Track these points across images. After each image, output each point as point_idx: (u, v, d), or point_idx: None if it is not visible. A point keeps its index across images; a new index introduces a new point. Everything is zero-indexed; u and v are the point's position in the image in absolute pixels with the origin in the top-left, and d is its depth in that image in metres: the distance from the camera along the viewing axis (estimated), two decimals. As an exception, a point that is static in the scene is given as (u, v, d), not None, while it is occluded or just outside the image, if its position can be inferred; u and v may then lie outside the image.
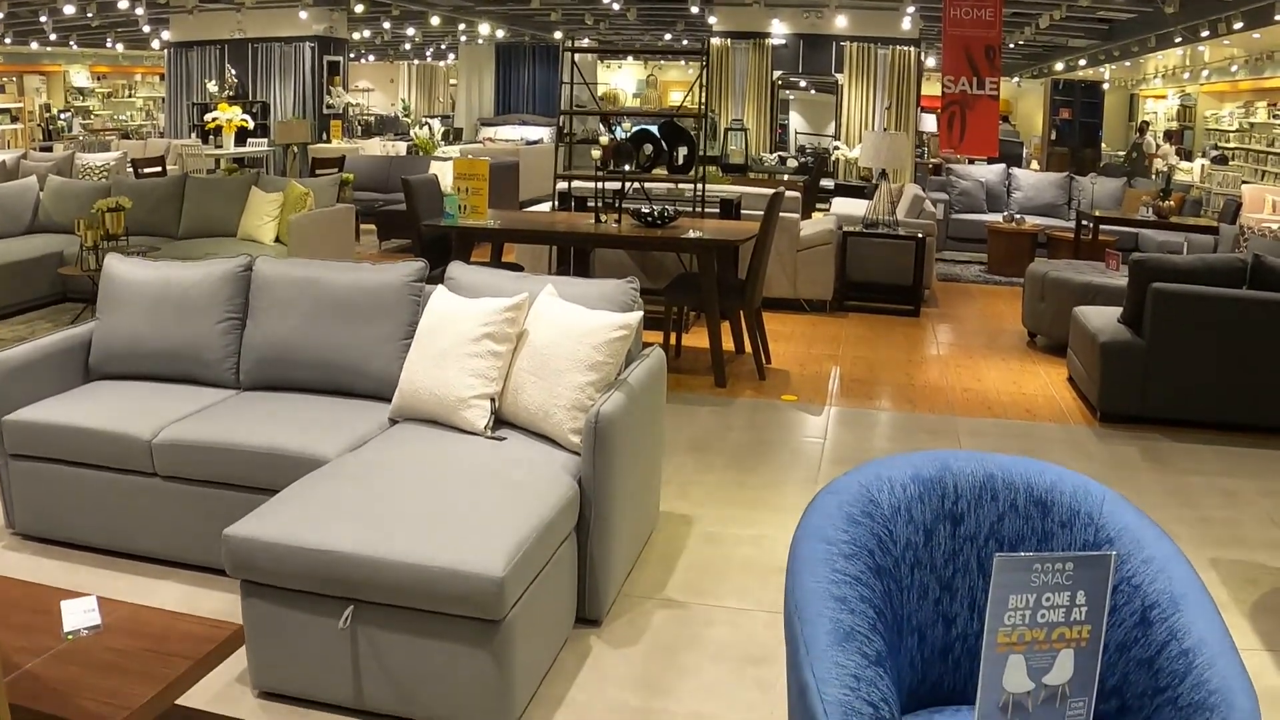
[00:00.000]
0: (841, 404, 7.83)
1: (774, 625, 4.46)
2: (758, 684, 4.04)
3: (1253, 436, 7.27)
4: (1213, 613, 2.78)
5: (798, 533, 2.76)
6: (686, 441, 6.74)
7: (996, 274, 13.95)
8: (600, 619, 4.39)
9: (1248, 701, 2.63)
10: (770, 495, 5.97)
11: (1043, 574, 2.58)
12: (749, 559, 5.10)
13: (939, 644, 2.89)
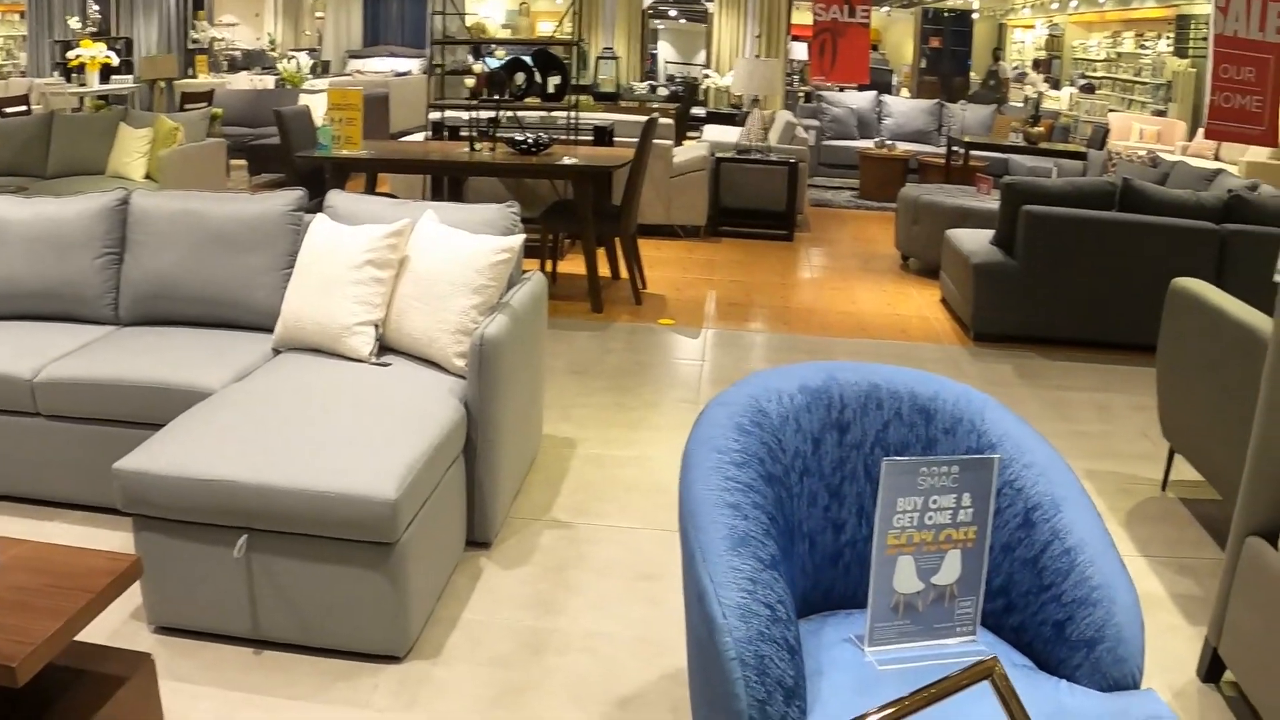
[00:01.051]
0: (718, 326, 7.90)
1: (660, 542, 4.52)
2: (648, 599, 4.10)
3: (1123, 353, 7.46)
4: (1092, 514, 2.87)
5: (689, 442, 2.80)
6: (566, 365, 6.77)
7: (868, 199, 14.08)
8: (490, 541, 4.42)
9: (1129, 596, 2.73)
10: (651, 416, 6.03)
11: (929, 477, 2.65)
12: (632, 479, 5.15)
13: (829, 550, 2.96)
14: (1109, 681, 2.69)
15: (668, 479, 5.17)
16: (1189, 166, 9.84)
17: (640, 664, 3.70)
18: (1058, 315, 7.64)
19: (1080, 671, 2.72)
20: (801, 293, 9.04)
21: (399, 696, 3.43)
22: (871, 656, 2.69)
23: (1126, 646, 2.70)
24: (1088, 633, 2.71)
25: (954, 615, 2.77)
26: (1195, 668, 3.88)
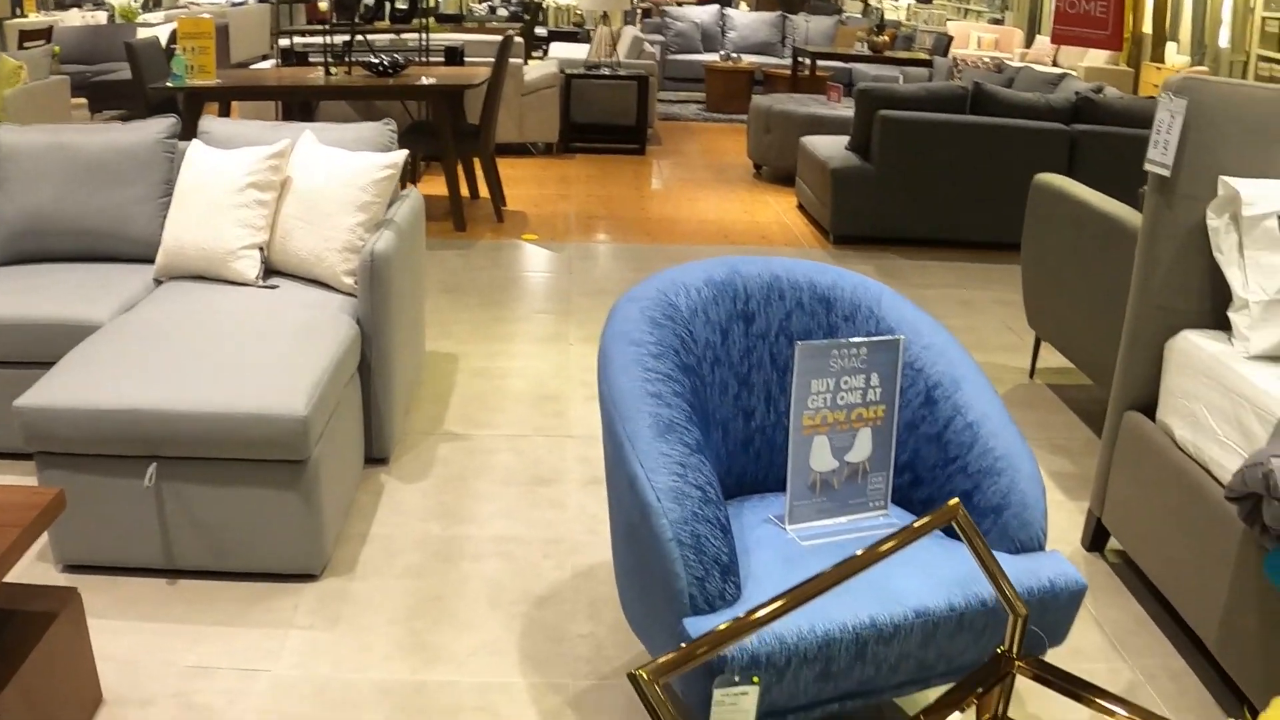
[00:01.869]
0: (581, 239, 7.98)
1: (554, 448, 4.62)
2: (551, 503, 4.20)
3: (979, 251, 7.69)
4: (990, 390, 3.01)
5: (604, 338, 2.89)
6: (439, 284, 6.81)
7: (716, 112, 14.19)
8: (388, 457, 4.48)
9: (1030, 465, 2.88)
10: (528, 328, 6.11)
11: (840, 359, 2.76)
12: (518, 389, 5.24)
13: (741, 437, 3.07)
14: (1016, 544, 2.85)
15: (552, 387, 5.27)
16: (1034, 71, 10.10)
17: (553, 564, 3.80)
18: (914, 216, 7.85)
19: (989, 537, 2.87)
20: (659, 204, 9.13)
21: (320, 614, 3.48)
22: (793, 533, 2.82)
23: (1031, 511, 2.86)
24: (994, 500, 2.86)
25: (867, 491, 2.91)
26: (1080, 539, 4.08)
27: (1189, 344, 3.59)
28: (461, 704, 3.11)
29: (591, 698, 3.17)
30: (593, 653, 3.35)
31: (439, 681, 3.20)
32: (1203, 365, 3.50)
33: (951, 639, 2.58)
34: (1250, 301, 3.46)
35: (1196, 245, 3.61)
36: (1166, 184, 3.61)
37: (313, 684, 3.15)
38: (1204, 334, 3.62)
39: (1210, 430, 3.40)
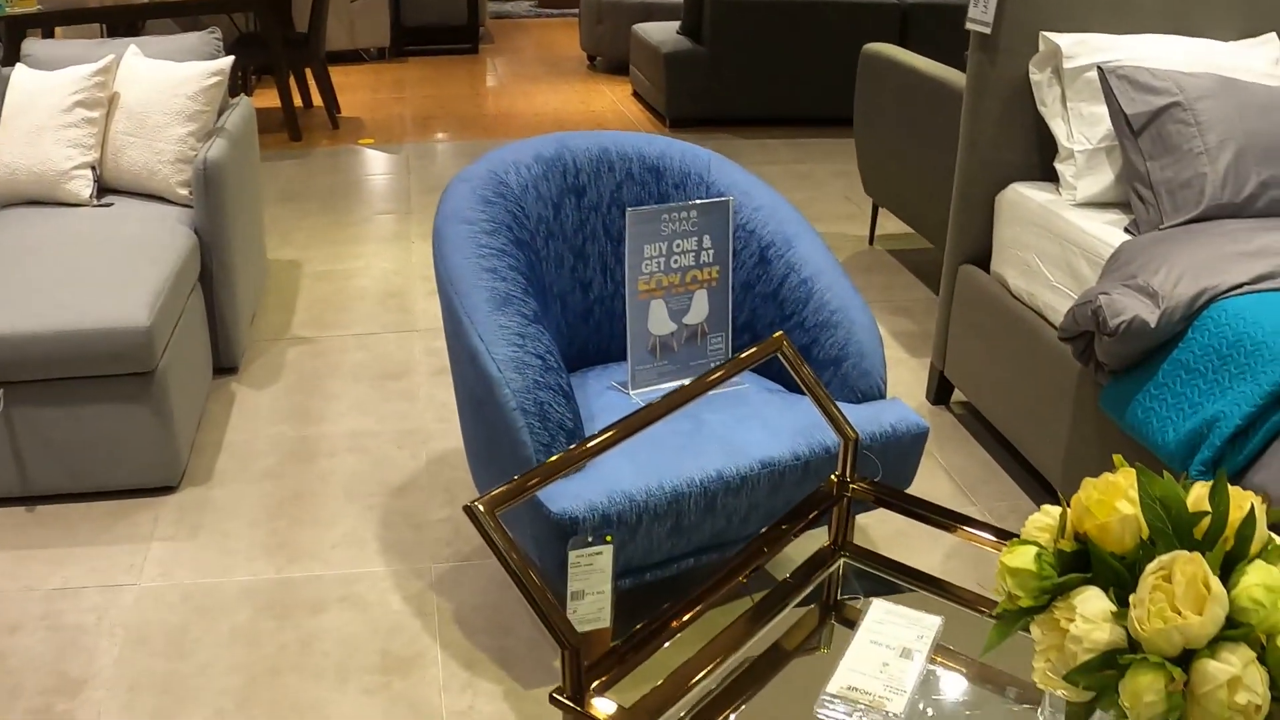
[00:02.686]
0: (418, 140, 7.93)
1: (400, 343, 4.64)
2: (401, 395, 4.22)
3: (815, 128, 7.78)
4: (822, 248, 3.07)
5: (438, 219, 2.90)
6: (277, 194, 6.75)
7: (548, 7, 14.10)
8: (236, 365, 4.46)
9: (865, 316, 2.95)
10: (369, 229, 6.09)
11: (671, 223, 2.80)
12: (362, 288, 5.23)
13: (579, 308, 3.11)
14: (858, 394, 2.93)
15: (396, 284, 5.27)
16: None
17: (407, 455, 3.82)
18: (750, 96, 7.90)
19: (830, 389, 2.94)
20: (495, 100, 9.10)
21: (181, 524, 3.47)
22: (637, 398, 2.87)
23: (869, 360, 2.93)
24: (832, 352, 2.93)
25: (707, 352, 2.96)
26: (925, 393, 4.19)
27: (1018, 196, 3.69)
28: (326, 596, 3.14)
29: (452, 578, 3.21)
30: (451, 535, 3.39)
31: (303, 577, 3.22)
32: (1032, 215, 3.59)
33: (798, 486, 2.65)
34: (1075, 151, 3.55)
35: (1020, 100, 3.69)
36: (988, 42, 3.68)
37: (178, 592, 3.15)
38: (1032, 185, 3.72)
39: (1043, 276, 3.50)
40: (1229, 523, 1.20)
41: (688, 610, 1.66)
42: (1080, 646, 1.15)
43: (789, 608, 1.82)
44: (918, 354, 4.47)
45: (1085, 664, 1.14)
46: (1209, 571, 1.12)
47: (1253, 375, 2.70)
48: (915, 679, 1.70)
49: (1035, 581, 1.23)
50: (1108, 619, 1.16)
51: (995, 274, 3.76)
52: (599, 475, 2.54)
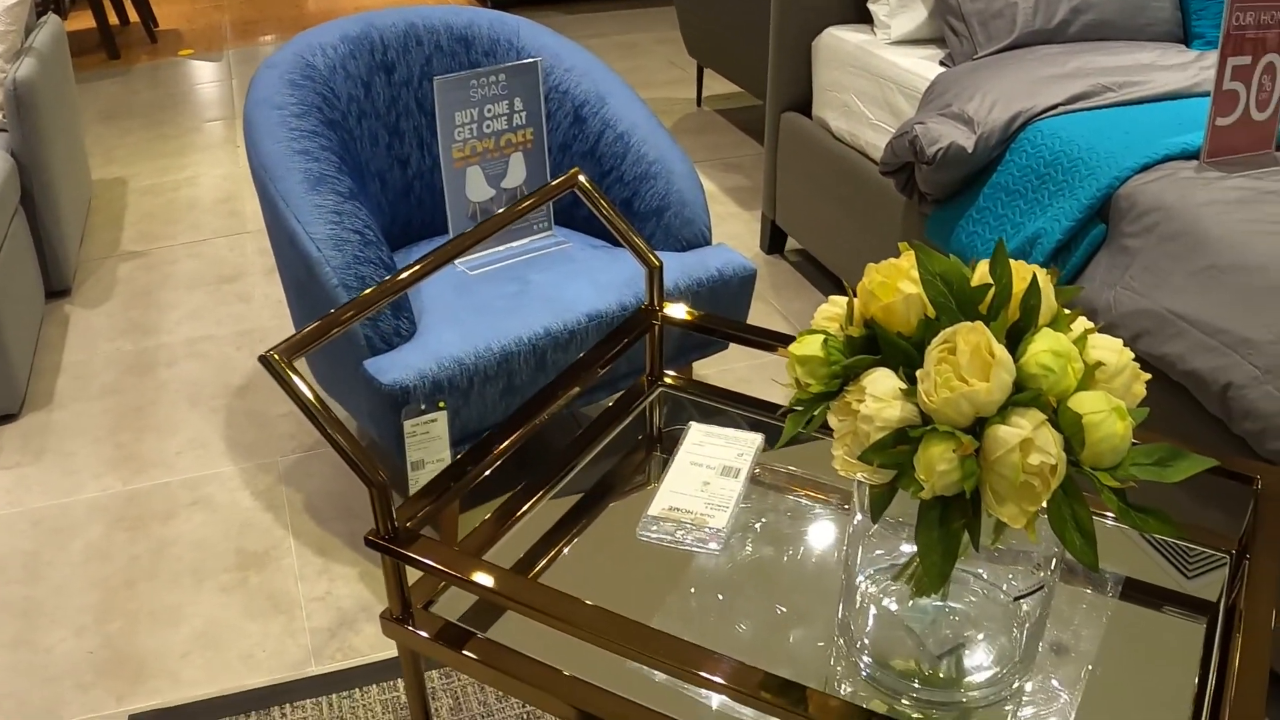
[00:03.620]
0: (240, 45, 7.77)
1: (234, 246, 4.57)
2: (238, 297, 4.17)
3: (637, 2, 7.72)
4: (637, 102, 3.07)
5: (246, 107, 2.85)
6: (98, 114, 6.58)
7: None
8: (68, 288, 4.36)
9: (684, 165, 2.96)
10: (194, 139, 5.97)
11: (480, 88, 2.77)
12: (191, 198, 5.14)
13: (399, 186, 3.08)
14: (683, 243, 2.94)
15: (225, 190, 5.18)
16: None
17: (246, 355, 3.79)
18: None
19: (656, 240, 2.95)
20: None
21: (26, 450, 3.41)
22: (462, 266, 2.85)
23: (691, 208, 2.94)
24: (654, 203, 2.94)
25: (528, 215, 2.95)
26: (759, 244, 4.22)
27: (834, 39, 3.70)
28: (176, 502, 3.11)
29: (300, 469, 3.20)
30: (295, 428, 3.37)
31: (151, 486, 3.19)
32: (849, 57, 3.61)
33: (628, 338, 2.66)
34: (886, -10, 3.59)
35: (830, -57, 3.71)
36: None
37: (28, 518, 3.10)
38: (846, 28, 3.74)
39: (862, 116, 3.53)
40: (1013, 294, 1.22)
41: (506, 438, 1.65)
42: (872, 426, 1.16)
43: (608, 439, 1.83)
44: (750, 207, 4.50)
45: (878, 442, 1.16)
46: (992, 339, 1.13)
47: (1071, 191, 2.75)
48: (737, 495, 1.72)
49: (824, 368, 1.24)
50: (898, 396, 1.17)
51: (817, 118, 3.78)
52: (427, 344, 2.53)
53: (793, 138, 3.87)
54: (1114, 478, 1.15)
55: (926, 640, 1.43)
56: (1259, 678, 1.27)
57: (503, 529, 1.66)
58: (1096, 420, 1.12)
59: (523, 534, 1.68)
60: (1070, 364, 1.15)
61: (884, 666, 1.43)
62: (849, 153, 3.58)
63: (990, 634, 1.45)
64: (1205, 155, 2.77)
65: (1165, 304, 2.51)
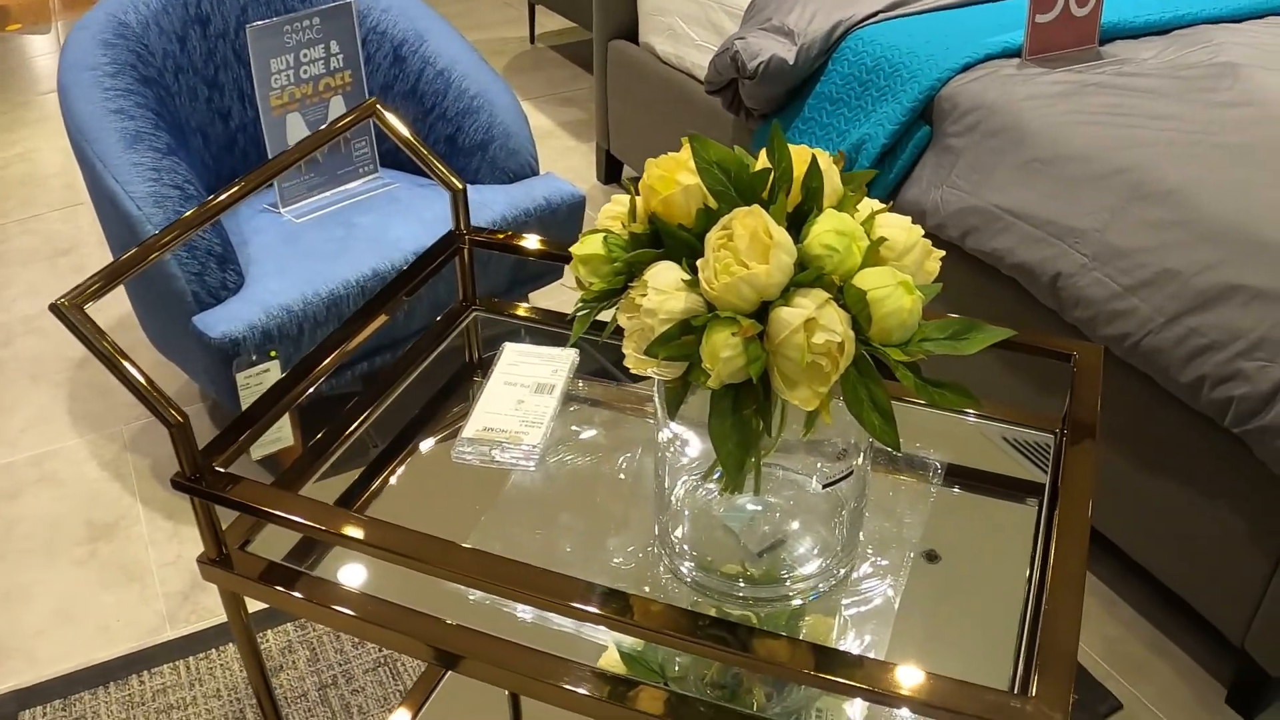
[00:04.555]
0: (70, 15, 7.60)
1: (67, 219, 4.48)
2: (74, 269, 4.08)
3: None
4: (456, 37, 3.05)
5: (60, 71, 2.79)
6: (-78, 98, 6.43)
7: None
8: (-104, 272, 4.27)
9: (506, 97, 2.95)
10: (25, 114, 5.82)
11: (294, 33, 2.74)
12: (23, 174, 5.02)
13: (222, 139, 3.03)
14: (510, 175, 2.93)
15: (58, 162, 5.07)
16: None
17: (86, 326, 3.72)
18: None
19: (482, 174, 2.94)
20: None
21: None
22: (288, 214, 2.82)
23: (516, 139, 2.94)
24: (478, 136, 2.93)
25: (353, 158, 2.92)
26: (595, 174, 4.22)
27: (655, -37, 3.69)
28: (21, 481, 3.05)
29: (145, 436, 3.15)
30: (139, 395, 3.32)
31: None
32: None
33: (459, 273, 2.65)
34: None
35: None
36: None
37: None
38: (668, -49, 3.73)
39: (688, 37, 3.52)
40: (794, 178, 1.21)
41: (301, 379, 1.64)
42: (656, 319, 1.15)
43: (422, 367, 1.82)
44: (587, 139, 4.50)
45: (664, 335, 1.15)
46: (770, 221, 1.13)
47: (894, 95, 2.77)
48: (552, 411, 1.71)
49: (606, 265, 1.23)
50: (680, 288, 1.16)
51: (644, 44, 3.77)
52: (255, 295, 2.51)
53: (621, 66, 3.86)
54: (905, 352, 1.15)
55: (746, 539, 1.44)
56: (1078, 548, 1.28)
57: (319, 463, 1.64)
58: (882, 295, 1.12)
59: (339, 467, 1.66)
60: (854, 242, 1.15)
61: (707, 570, 1.43)
62: (677, 76, 3.58)
63: (810, 527, 1.46)
64: (1027, 52, 2.80)
65: (991, 200, 2.54)
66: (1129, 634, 2.55)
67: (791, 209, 1.20)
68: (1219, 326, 2.15)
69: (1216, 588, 2.33)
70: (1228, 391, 2.13)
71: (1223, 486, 2.26)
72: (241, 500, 1.37)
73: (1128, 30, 3.03)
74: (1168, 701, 2.42)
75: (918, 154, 2.77)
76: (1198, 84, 2.73)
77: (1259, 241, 2.17)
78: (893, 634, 1.43)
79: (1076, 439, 1.44)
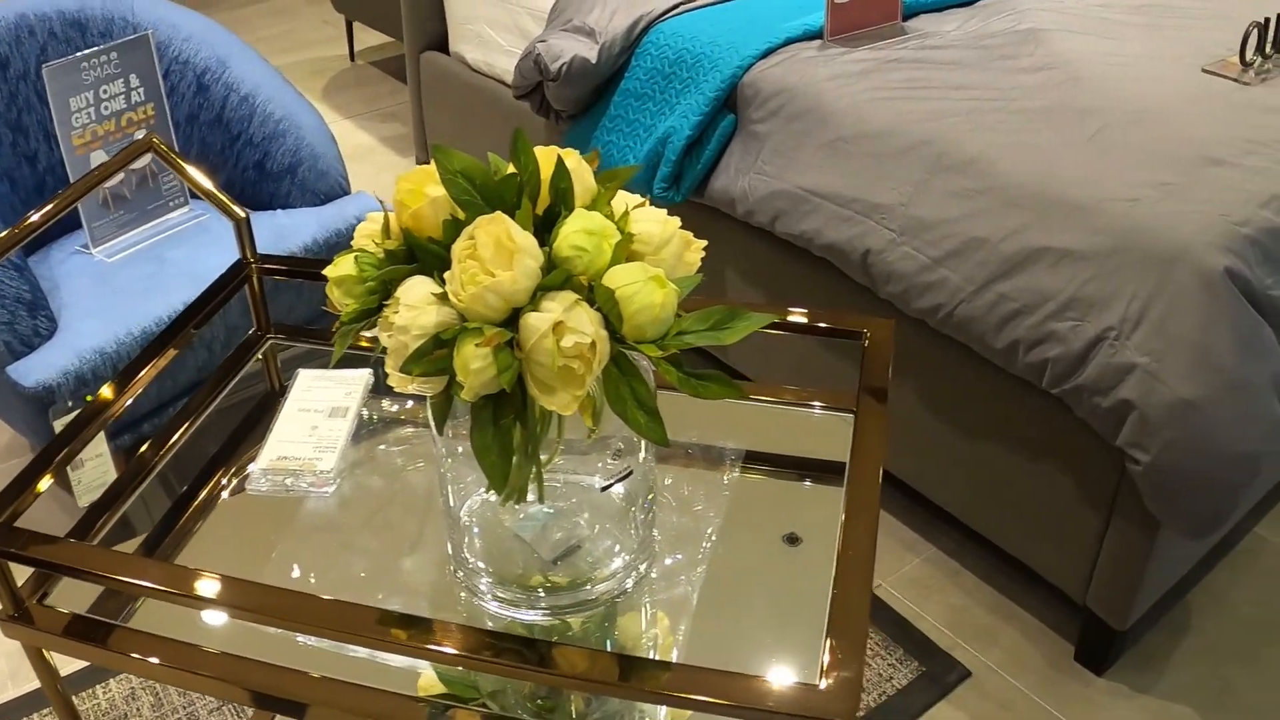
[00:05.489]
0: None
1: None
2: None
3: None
4: (259, 62, 3.02)
5: None
6: None
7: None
8: None
9: (312, 118, 2.92)
10: None
11: (93, 70, 2.69)
12: None
13: (31, 184, 2.96)
14: (321, 196, 2.91)
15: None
16: None
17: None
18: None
19: (293, 198, 2.92)
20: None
21: None
22: (99, 255, 2.76)
23: (324, 160, 2.92)
24: (285, 160, 2.90)
25: (162, 193, 2.87)
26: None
27: (460, -29, 3.67)
28: None
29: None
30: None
31: None
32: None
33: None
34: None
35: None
36: None
37: None
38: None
39: (496, 44, 3.51)
40: (542, 181, 1.20)
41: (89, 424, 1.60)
42: (410, 335, 1.14)
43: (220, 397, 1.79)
44: (409, 154, 4.47)
45: (417, 350, 1.13)
46: (512, 227, 1.12)
47: (696, 87, 2.78)
48: (345, 435, 1.70)
49: (359, 285, 1.22)
50: (431, 301, 1.15)
51: (455, 54, 3.75)
52: (68, 340, 2.46)
53: (435, 77, 3.84)
54: (661, 347, 1.14)
55: (539, 548, 1.43)
56: (868, 529, 1.29)
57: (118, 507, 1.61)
58: (631, 292, 1.11)
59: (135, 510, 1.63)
60: (605, 241, 1.14)
61: (505, 584, 1.42)
62: (488, 83, 3.57)
63: (604, 528, 1.46)
64: (828, 34, 2.83)
65: (796, 182, 2.56)
66: (973, 601, 2.59)
67: (543, 211, 1.19)
68: (1028, 290, 2.18)
69: (1053, 548, 2.37)
70: (1042, 354, 2.16)
71: (1049, 448, 2.29)
72: (33, 555, 1.34)
73: (930, 4, 3.07)
74: (1017, 664, 2.45)
75: (724, 143, 2.77)
76: (999, 52, 2.78)
77: (1061, 202, 2.20)
78: (695, 628, 1.44)
79: (865, 418, 1.45)
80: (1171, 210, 2.15)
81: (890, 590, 2.61)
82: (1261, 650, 2.50)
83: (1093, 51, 2.81)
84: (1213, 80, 2.66)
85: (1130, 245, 2.11)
